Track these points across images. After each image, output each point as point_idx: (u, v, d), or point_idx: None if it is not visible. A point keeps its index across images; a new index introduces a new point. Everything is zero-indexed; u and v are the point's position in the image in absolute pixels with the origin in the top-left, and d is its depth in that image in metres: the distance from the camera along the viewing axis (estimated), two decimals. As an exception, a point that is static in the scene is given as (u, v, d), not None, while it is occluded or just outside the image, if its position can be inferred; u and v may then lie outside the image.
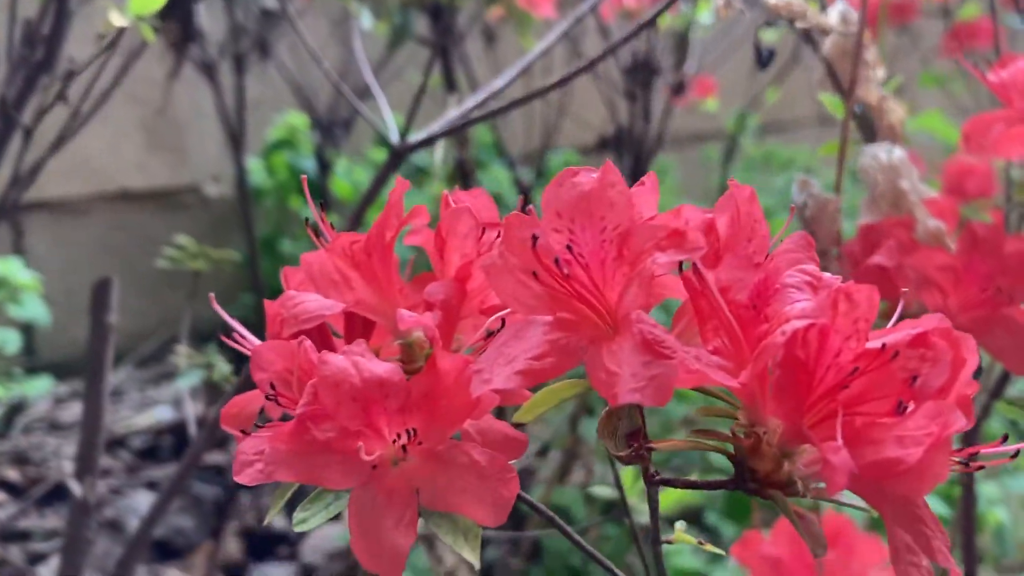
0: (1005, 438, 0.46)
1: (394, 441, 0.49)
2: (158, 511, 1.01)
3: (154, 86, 2.36)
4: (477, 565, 0.55)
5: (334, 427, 0.49)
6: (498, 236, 0.51)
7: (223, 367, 1.18)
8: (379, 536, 0.49)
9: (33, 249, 2.50)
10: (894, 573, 0.44)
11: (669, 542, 0.59)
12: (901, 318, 0.51)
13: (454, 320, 0.55)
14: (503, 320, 0.52)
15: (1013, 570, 1.79)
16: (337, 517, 0.56)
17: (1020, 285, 0.82)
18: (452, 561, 1.54)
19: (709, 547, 0.56)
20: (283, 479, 0.49)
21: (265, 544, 1.90)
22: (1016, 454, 0.45)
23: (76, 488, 0.93)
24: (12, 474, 2.06)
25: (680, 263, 0.47)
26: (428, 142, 0.99)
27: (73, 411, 2.41)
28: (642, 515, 1.16)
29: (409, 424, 0.50)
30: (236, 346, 0.60)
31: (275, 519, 1.98)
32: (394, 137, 1.00)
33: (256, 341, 0.58)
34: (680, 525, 0.60)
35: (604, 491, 1.11)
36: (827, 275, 0.47)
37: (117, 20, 0.84)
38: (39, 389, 2.12)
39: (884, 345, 0.43)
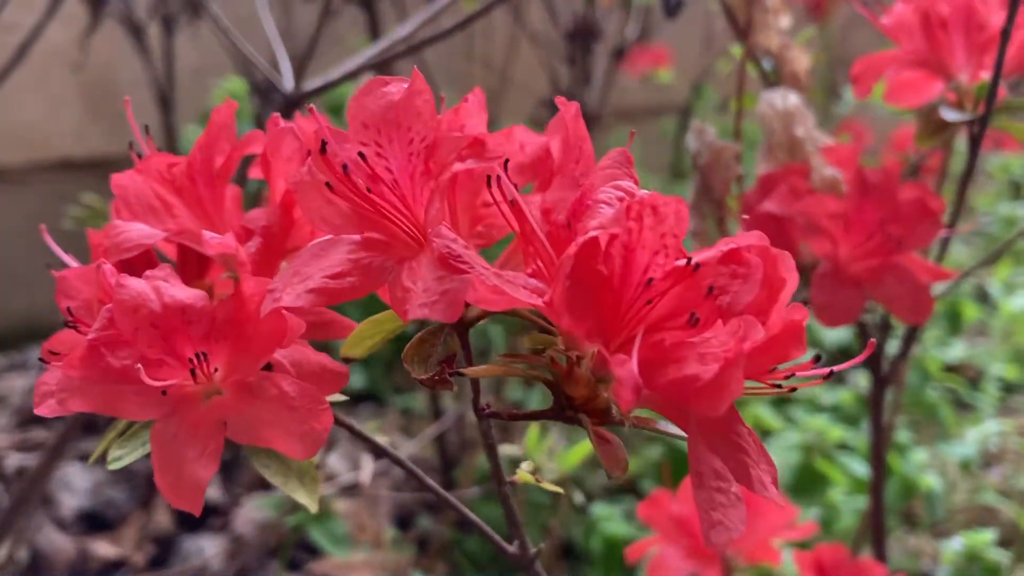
0: (817, 358, 0.44)
1: (191, 371, 0.47)
2: (47, 466, 0.98)
3: (94, 53, 2.30)
4: (314, 508, 0.53)
5: (132, 355, 0.46)
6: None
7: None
8: (180, 469, 0.47)
9: (-32, 219, 2.44)
10: (694, 499, 0.42)
11: (513, 482, 0.57)
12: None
13: (277, 249, 0.52)
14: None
15: (948, 534, 1.79)
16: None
17: (912, 233, 0.80)
18: (373, 529, 1.52)
19: (547, 485, 0.54)
20: (77, 409, 0.46)
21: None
22: (830, 374, 0.43)
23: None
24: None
25: (488, 177, 0.44)
26: (323, 89, 0.95)
27: (8, 383, 2.36)
28: (550, 473, 1.14)
29: (215, 353, 0.47)
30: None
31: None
32: (288, 84, 0.97)
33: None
34: (526, 466, 0.57)
35: (512, 450, 1.09)
36: (643, 191, 0.44)
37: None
38: (-27, 361, 2.08)
39: (689, 260, 0.41)
